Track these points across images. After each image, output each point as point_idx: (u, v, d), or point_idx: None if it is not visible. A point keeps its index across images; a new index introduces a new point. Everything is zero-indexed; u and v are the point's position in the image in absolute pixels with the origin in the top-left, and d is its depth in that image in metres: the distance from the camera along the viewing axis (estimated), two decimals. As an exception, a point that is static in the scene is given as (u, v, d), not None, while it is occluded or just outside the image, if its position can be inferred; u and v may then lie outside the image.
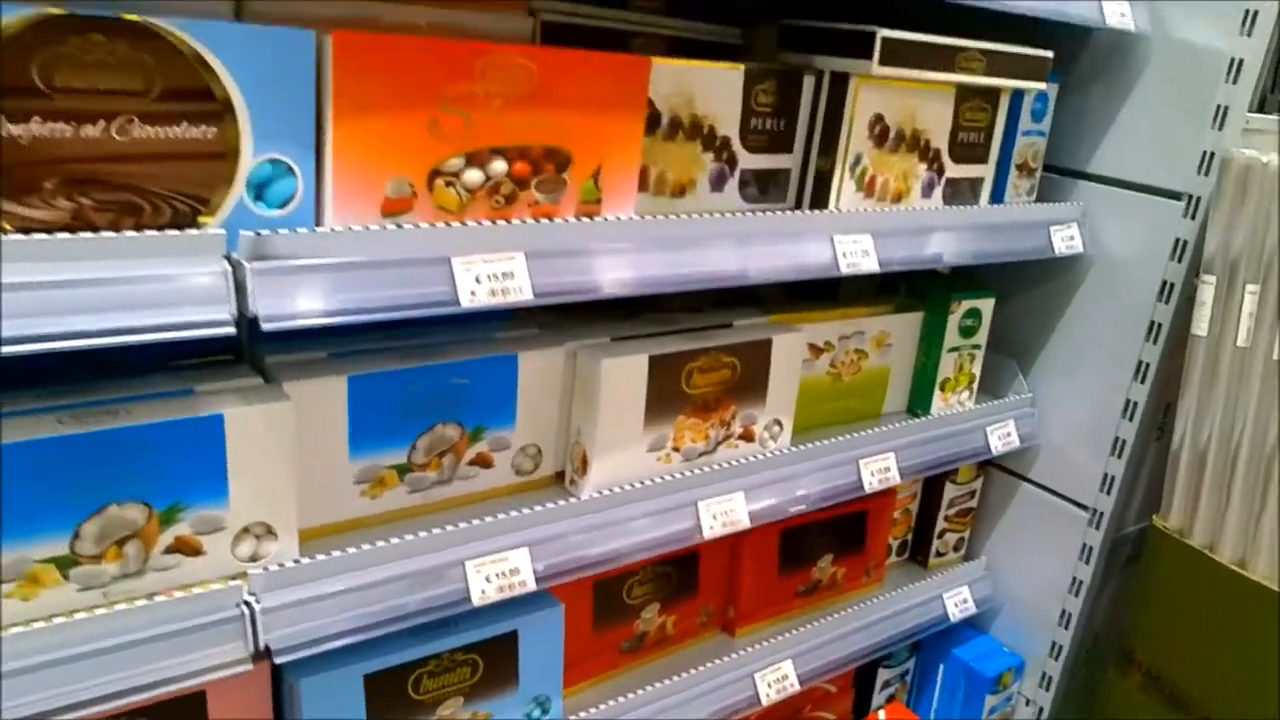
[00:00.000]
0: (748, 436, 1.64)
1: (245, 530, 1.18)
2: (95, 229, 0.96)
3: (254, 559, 1.20)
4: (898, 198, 1.64)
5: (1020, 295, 2.07)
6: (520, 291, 1.18)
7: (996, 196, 1.83)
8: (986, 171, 1.77)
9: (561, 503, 1.41)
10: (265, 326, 1.02)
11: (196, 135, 0.99)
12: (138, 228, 0.98)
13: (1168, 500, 1.85)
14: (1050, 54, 1.71)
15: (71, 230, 0.94)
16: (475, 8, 1.35)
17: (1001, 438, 2.00)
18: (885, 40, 1.45)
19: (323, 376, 1.25)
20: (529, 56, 1.16)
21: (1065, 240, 1.87)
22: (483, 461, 1.43)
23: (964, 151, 1.70)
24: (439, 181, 1.14)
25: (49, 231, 0.93)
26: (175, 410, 1.10)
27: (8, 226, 0.93)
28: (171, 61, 0.95)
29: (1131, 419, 1.93)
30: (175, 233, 0.98)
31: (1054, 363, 2.05)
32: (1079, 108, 1.93)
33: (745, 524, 1.59)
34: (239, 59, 0.99)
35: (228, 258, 1.01)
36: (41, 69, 0.90)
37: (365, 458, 1.32)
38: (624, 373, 1.43)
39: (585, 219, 1.26)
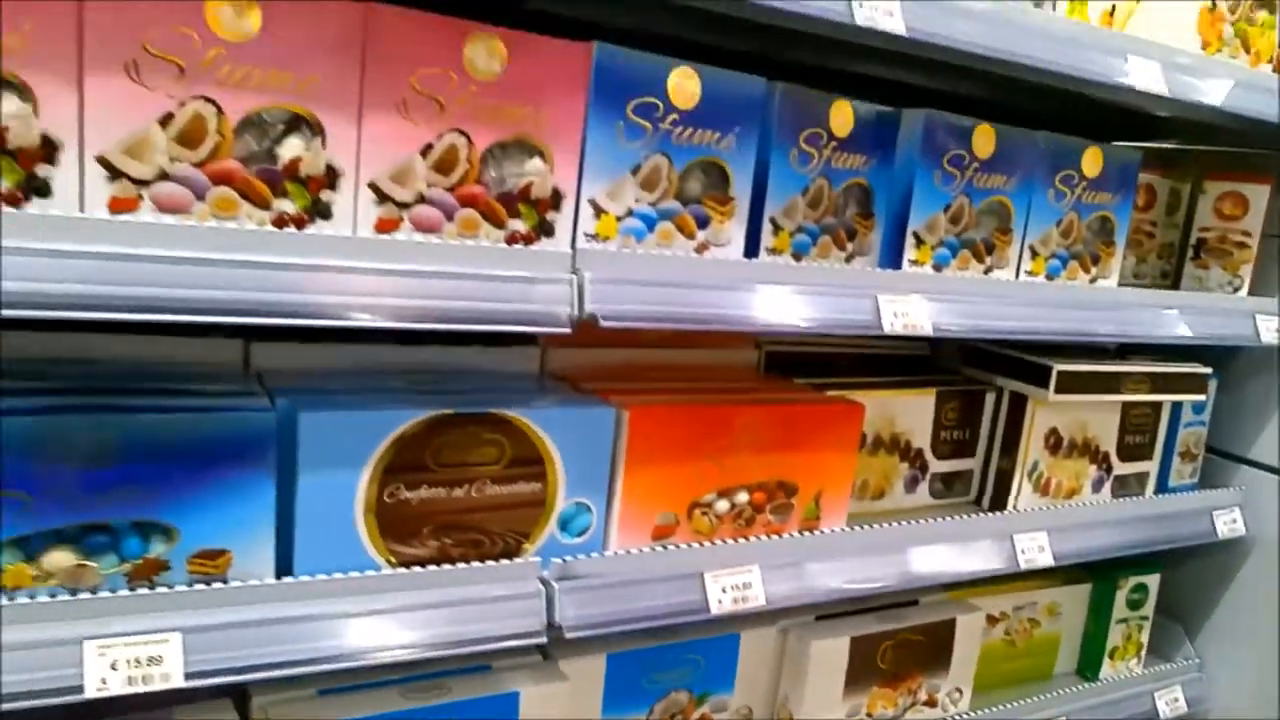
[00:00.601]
0: (931, 703, 1.83)
1: (522, 784, 1.45)
2: (452, 561, 1.28)
3: (527, 809, 1.46)
4: (1070, 494, 1.85)
5: (1187, 566, 2.22)
6: (756, 599, 1.44)
7: (1161, 485, 2.02)
8: (1151, 466, 1.97)
9: (771, 764, 1.63)
10: (568, 635, 1.31)
11: (528, 490, 1.31)
12: (480, 559, 1.30)
13: (1339, 780, 1.93)
14: (1209, 370, 1.92)
15: (436, 563, 1.26)
16: (715, 348, 1.68)
17: (1169, 703, 2.13)
18: (1060, 373, 1.70)
19: (589, 655, 1.53)
20: (772, 413, 1.46)
21: (1228, 524, 2.03)
22: (704, 722, 1.67)
23: (1130, 451, 1.92)
24: (697, 511, 1.44)
25: (421, 565, 1.25)
26: (485, 687, 1.40)
27: (394, 560, 1.25)
28: (518, 439, 1.29)
29: (1300, 694, 2.03)
30: (506, 562, 1.29)
31: (1221, 631, 2.18)
32: (1238, 398, 2.12)
33: (930, 786, 1.77)
34: (563, 433, 1.31)
35: (540, 578, 1.32)
36: (433, 452, 1.24)
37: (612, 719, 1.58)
38: (829, 652, 1.67)
39: (807, 534, 1.53)
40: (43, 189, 0.98)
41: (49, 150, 0.97)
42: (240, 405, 1.16)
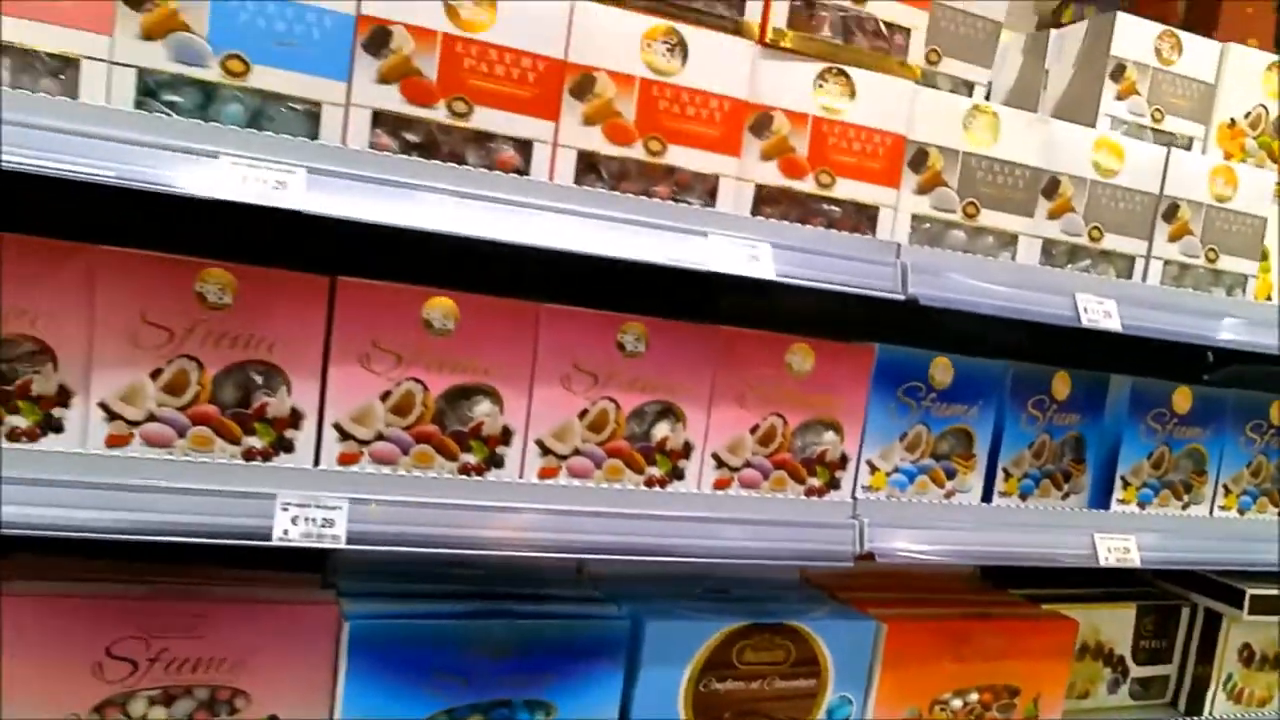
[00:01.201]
0: None
1: None
2: (745, 740, 1.61)
3: None
4: (1262, 704, 2.06)
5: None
6: (986, 787, 1.72)
7: (1349, 696, 2.19)
8: (1339, 679, 2.15)
9: None
10: (838, 808, 1.61)
11: (805, 685, 1.64)
12: (766, 739, 1.62)
13: None
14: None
15: (733, 740, 1.59)
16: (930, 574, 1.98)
17: None
18: (1253, 597, 1.94)
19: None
20: (1001, 627, 1.75)
21: None
22: None
23: (1318, 665, 2.11)
24: (936, 707, 1.73)
25: (723, 741, 1.59)
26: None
27: (701, 737, 1.59)
28: (801, 644, 1.62)
29: None
30: (787, 744, 1.61)
31: None
32: None
33: None
34: (836, 640, 1.64)
35: (813, 759, 1.63)
36: (738, 652, 1.58)
37: None
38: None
39: (1027, 731, 1.80)
40: (499, 462, 1.39)
41: (506, 435, 1.39)
42: (603, 614, 1.54)
